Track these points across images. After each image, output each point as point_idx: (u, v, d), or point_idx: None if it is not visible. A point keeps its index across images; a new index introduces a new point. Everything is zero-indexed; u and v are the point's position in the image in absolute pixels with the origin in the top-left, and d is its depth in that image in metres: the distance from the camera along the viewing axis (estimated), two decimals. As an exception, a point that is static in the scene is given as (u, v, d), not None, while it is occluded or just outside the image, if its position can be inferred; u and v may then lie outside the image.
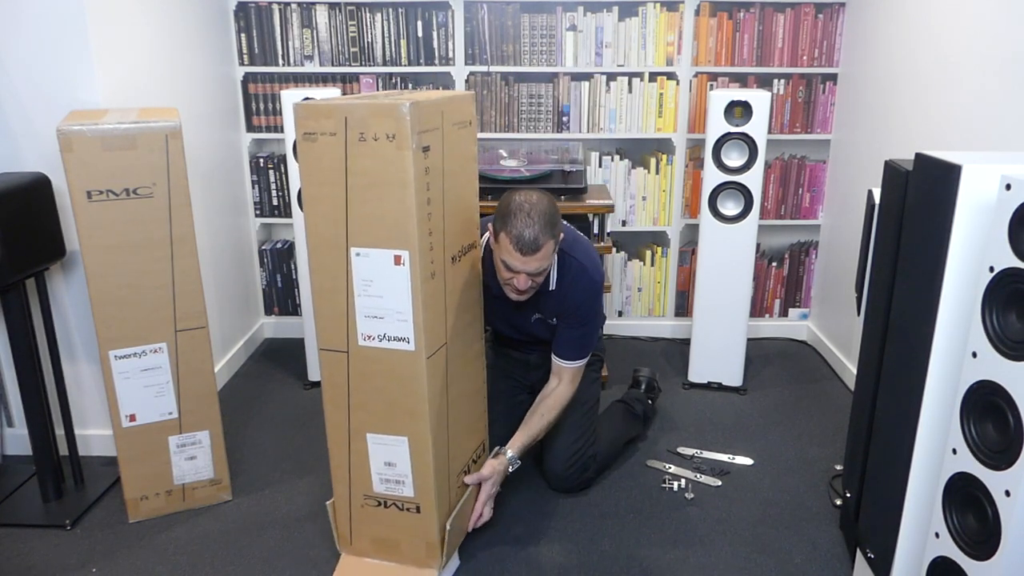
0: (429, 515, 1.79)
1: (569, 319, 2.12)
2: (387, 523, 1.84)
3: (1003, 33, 2.05)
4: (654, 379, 2.77)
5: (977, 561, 1.34)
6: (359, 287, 1.66)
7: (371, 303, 1.66)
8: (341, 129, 1.56)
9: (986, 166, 1.39)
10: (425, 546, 1.82)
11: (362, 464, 1.81)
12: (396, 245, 1.60)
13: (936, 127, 2.39)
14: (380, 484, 1.81)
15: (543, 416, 2.12)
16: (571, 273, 2.08)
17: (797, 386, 3.00)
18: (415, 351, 1.66)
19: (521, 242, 1.82)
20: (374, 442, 1.77)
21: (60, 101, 2.16)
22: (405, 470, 1.77)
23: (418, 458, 1.75)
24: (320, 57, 3.18)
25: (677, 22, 3.12)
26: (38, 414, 2.16)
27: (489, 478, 1.98)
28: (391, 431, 1.75)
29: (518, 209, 1.84)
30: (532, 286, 1.94)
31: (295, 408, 2.82)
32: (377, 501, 1.83)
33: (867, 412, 1.78)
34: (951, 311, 1.46)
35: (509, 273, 1.90)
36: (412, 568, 1.85)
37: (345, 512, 1.88)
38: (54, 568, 1.96)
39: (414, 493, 1.78)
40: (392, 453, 1.76)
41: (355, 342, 1.71)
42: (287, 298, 3.46)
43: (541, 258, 1.87)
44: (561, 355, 2.16)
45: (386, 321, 1.66)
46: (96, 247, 1.94)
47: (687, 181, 3.29)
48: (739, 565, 1.97)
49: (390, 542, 1.86)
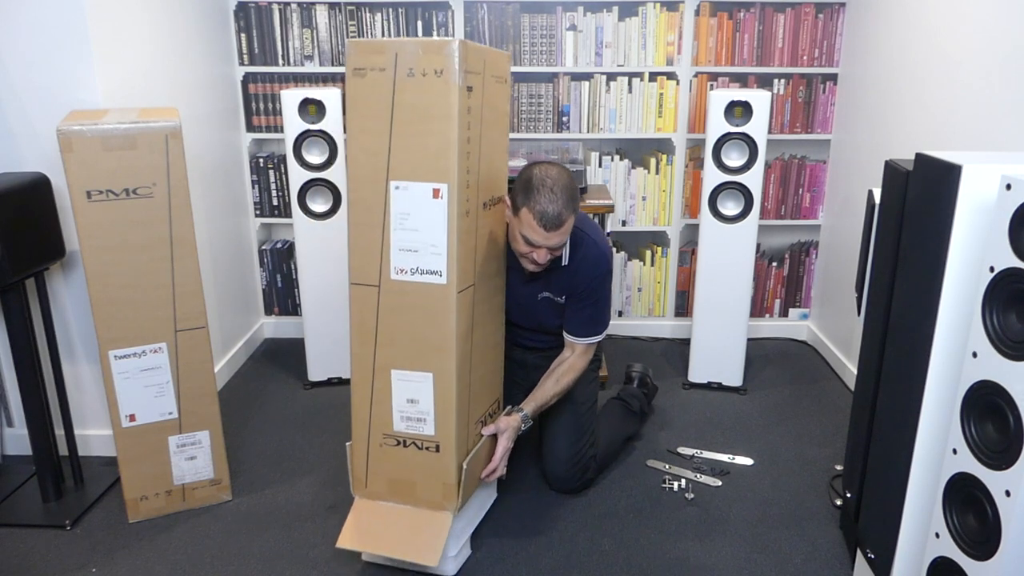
0: (448, 455, 1.80)
1: (581, 296, 2.12)
2: (405, 464, 1.84)
3: (1003, 33, 2.05)
4: (647, 375, 2.77)
5: (977, 561, 1.34)
6: (396, 220, 1.70)
7: (406, 236, 1.70)
8: (391, 64, 1.63)
9: (986, 166, 1.39)
10: (442, 487, 1.82)
11: (384, 402, 1.82)
12: (436, 178, 1.65)
13: (936, 127, 2.39)
14: (401, 422, 1.81)
15: (557, 382, 2.13)
16: (583, 249, 2.09)
17: (797, 386, 3.00)
18: (447, 284, 1.70)
19: (545, 218, 1.84)
20: (398, 378, 1.78)
21: (60, 101, 2.16)
22: (427, 407, 1.78)
23: (442, 395, 1.76)
24: (320, 57, 3.18)
25: (677, 22, 3.12)
26: (38, 414, 2.16)
27: (504, 431, 1.99)
28: (417, 367, 1.77)
29: (540, 184, 1.85)
30: (549, 259, 1.96)
31: (295, 408, 2.82)
32: (396, 440, 1.83)
33: (867, 412, 1.78)
34: (951, 311, 1.46)
35: (528, 247, 1.92)
36: (427, 511, 1.84)
37: (362, 453, 1.87)
38: (54, 568, 1.96)
39: (435, 431, 1.79)
40: (416, 390, 1.78)
41: (387, 276, 1.74)
42: (287, 298, 3.46)
43: (563, 233, 1.89)
44: (574, 332, 2.17)
45: (420, 254, 1.70)
46: (96, 247, 1.94)
47: (687, 181, 3.29)
48: (739, 565, 1.97)
49: (406, 484, 1.85)
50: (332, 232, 2.82)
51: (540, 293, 2.15)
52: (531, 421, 2.07)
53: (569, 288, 2.12)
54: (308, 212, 2.80)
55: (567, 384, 2.15)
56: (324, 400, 2.87)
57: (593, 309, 2.15)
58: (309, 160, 2.75)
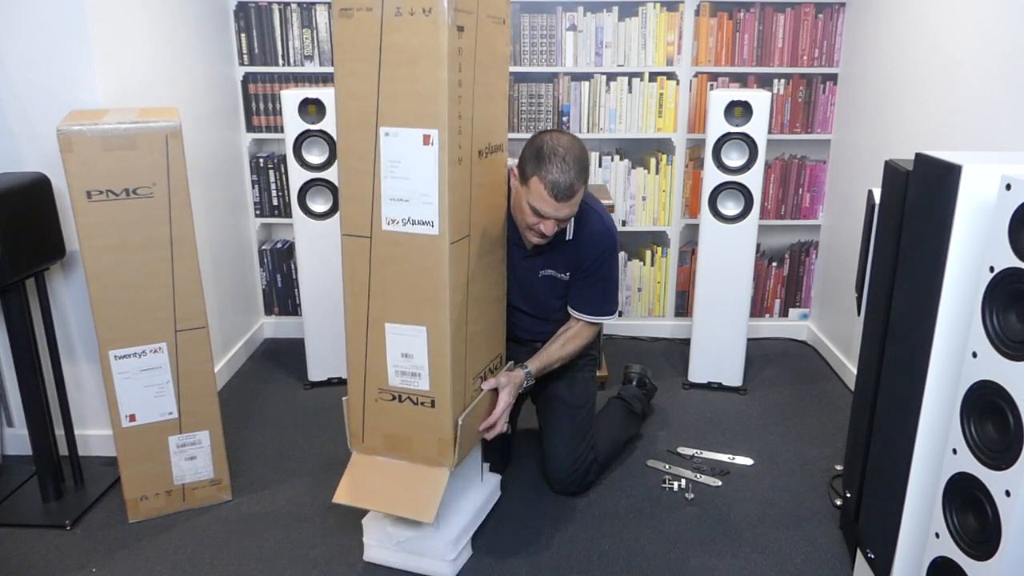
0: (443, 410, 1.77)
1: (587, 274, 2.09)
2: (400, 419, 1.81)
3: (1003, 33, 2.05)
4: (645, 375, 2.77)
5: (977, 561, 1.34)
6: (386, 168, 1.66)
7: (397, 185, 1.66)
8: (378, 4, 1.58)
9: (986, 166, 1.39)
10: (437, 442, 1.80)
11: (378, 356, 1.79)
12: (426, 124, 1.60)
13: (936, 127, 2.39)
14: (396, 377, 1.79)
15: (563, 346, 2.12)
16: (588, 224, 2.06)
17: (797, 386, 3.00)
18: (438, 235, 1.66)
19: (557, 188, 1.81)
20: (392, 332, 1.76)
21: (60, 101, 2.16)
22: (422, 362, 1.75)
23: (435, 349, 1.73)
24: (320, 57, 3.18)
25: (677, 22, 3.12)
26: (38, 414, 2.16)
27: (506, 386, 1.96)
28: (410, 320, 1.73)
29: (552, 153, 1.82)
30: (556, 231, 1.94)
31: (295, 408, 2.82)
32: (392, 395, 1.80)
33: (867, 412, 1.78)
34: (951, 311, 1.46)
35: (537, 219, 1.89)
36: (423, 467, 1.82)
37: (359, 408, 1.85)
38: (54, 568, 1.96)
39: (429, 386, 1.77)
40: (410, 344, 1.75)
41: (379, 227, 1.70)
42: (287, 298, 3.46)
43: (573, 204, 1.87)
44: (580, 309, 2.14)
45: (411, 204, 1.66)
46: (96, 247, 1.94)
47: (687, 181, 3.29)
48: (739, 565, 1.97)
49: (402, 439, 1.83)
50: (332, 232, 2.82)
51: (541, 270, 2.11)
52: (534, 379, 2.04)
53: (574, 264, 2.08)
54: (308, 212, 2.80)
55: (572, 350, 2.13)
56: (324, 400, 2.87)
57: (602, 287, 2.11)
58: (309, 160, 2.75)
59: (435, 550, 1.90)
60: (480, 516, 2.09)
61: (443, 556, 1.90)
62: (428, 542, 1.91)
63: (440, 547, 1.90)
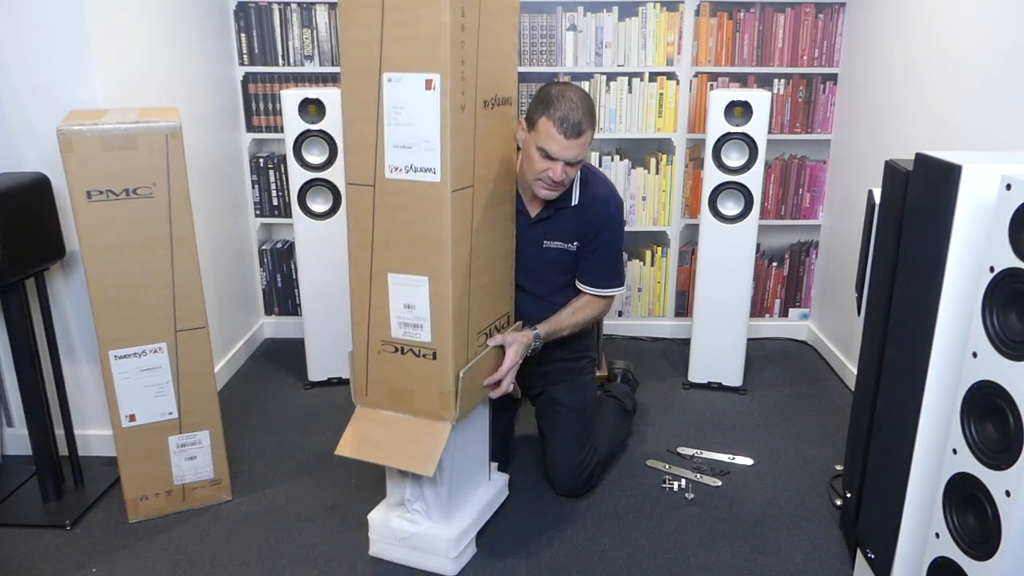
0: (444, 363, 1.76)
1: (595, 242, 2.09)
2: (403, 371, 1.81)
3: (1003, 33, 2.05)
4: (629, 371, 2.77)
5: (977, 561, 1.34)
6: (389, 115, 1.65)
7: (400, 132, 1.65)
8: None
9: (986, 166, 1.39)
10: (439, 396, 1.79)
11: (382, 307, 1.78)
12: (427, 68, 1.59)
13: (936, 127, 2.39)
14: (398, 328, 1.78)
15: (573, 313, 2.11)
16: (592, 188, 2.07)
17: (797, 386, 3.00)
18: (440, 182, 1.65)
19: (565, 124, 1.83)
20: (395, 282, 1.75)
21: (60, 101, 2.16)
22: (424, 313, 1.75)
23: (437, 300, 1.73)
24: (320, 57, 3.18)
25: (677, 22, 3.12)
26: (38, 414, 2.16)
27: (512, 344, 1.94)
28: (412, 270, 1.73)
29: (560, 95, 1.86)
30: (564, 182, 1.94)
31: (295, 408, 2.82)
32: (394, 347, 1.80)
33: (867, 412, 1.78)
34: (951, 311, 1.46)
35: (545, 163, 1.90)
36: (425, 420, 1.82)
37: (362, 361, 1.85)
38: (54, 568, 1.96)
39: (431, 338, 1.76)
40: (412, 294, 1.74)
41: (382, 175, 1.70)
42: (287, 298, 3.46)
43: (581, 145, 1.88)
44: (589, 282, 2.13)
45: (413, 151, 1.65)
46: (96, 247, 1.94)
47: (687, 181, 3.29)
48: (739, 565, 1.97)
49: (405, 392, 1.83)
50: (332, 232, 2.82)
51: (546, 240, 2.10)
52: (541, 342, 2.02)
53: (581, 231, 2.08)
54: (308, 212, 2.80)
55: (582, 319, 2.12)
56: (324, 400, 2.87)
57: (610, 257, 2.11)
58: (309, 160, 2.75)
59: (438, 547, 1.91)
60: (486, 515, 2.08)
61: (446, 554, 1.90)
62: (432, 539, 1.91)
63: (443, 545, 1.90)
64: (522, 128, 1.95)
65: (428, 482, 1.90)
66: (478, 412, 2.02)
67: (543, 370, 2.20)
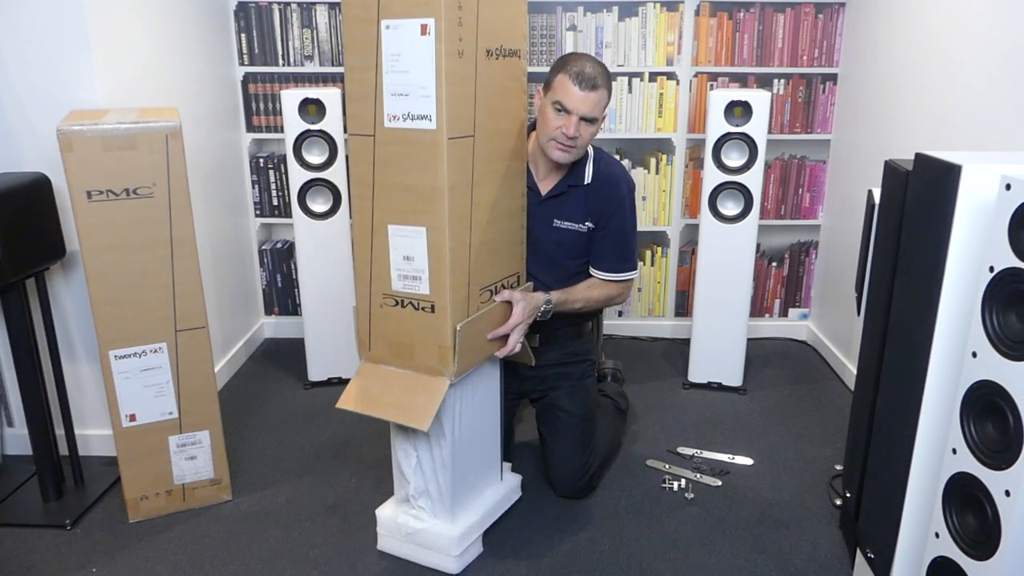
0: (443, 316, 1.76)
1: (608, 224, 2.07)
2: (403, 325, 1.81)
3: (1003, 33, 2.05)
4: (618, 369, 2.77)
5: (977, 561, 1.34)
6: (387, 63, 1.65)
7: (398, 79, 1.66)
8: None
9: (986, 166, 1.39)
10: (437, 350, 1.78)
11: (383, 260, 1.79)
12: (422, 12, 1.59)
13: (936, 127, 2.39)
14: (398, 281, 1.78)
15: (588, 288, 2.10)
16: (606, 169, 2.08)
17: (797, 386, 3.00)
18: (436, 130, 1.64)
19: (581, 77, 1.87)
20: (395, 234, 1.76)
21: (60, 101, 2.16)
22: (422, 264, 1.74)
23: (435, 251, 1.72)
24: (320, 57, 3.18)
25: (677, 22, 3.12)
26: (38, 414, 2.16)
27: (520, 301, 1.91)
28: (411, 221, 1.73)
29: (575, 55, 1.94)
30: (578, 143, 1.94)
31: (295, 408, 2.82)
32: (395, 300, 1.80)
33: (867, 412, 1.78)
34: (951, 311, 1.46)
35: (560, 119, 1.91)
36: (425, 376, 1.81)
37: (365, 315, 1.85)
38: (54, 568, 1.96)
39: (429, 290, 1.75)
40: (411, 246, 1.75)
41: (381, 124, 1.70)
42: (287, 298, 3.46)
43: (596, 102, 1.90)
44: (601, 267, 2.12)
45: (411, 99, 1.65)
46: (96, 247, 1.94)
47: (687, 181, 3.29)
48: (739, 565, 1.98)
49: (405, 347, 1.83)
50: (332, 232, 2.82)
51: (556, 219, 2.08)
52: (551, 307, 1.99)
53: (593, 211, 2.07)
54: (308, 212, 2.80)
55: (597, 296, 2.10)
56: (324, 400, 2.87)
57: (622, 238, 2.10)
58: (309, 160, 2.75)
59: (442, 545, 1.91)
60: (494, 514, 2.08)
61: (449, 551, 1.90)
62: (435, 537, 1.91)
63: (446, 542, 1.90)
64: (540, 96, 1.98)
65: (432, 477, 1.90)
66: (488, 411, 2.03)
67: (543, 374, 2.20)
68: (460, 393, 1.87)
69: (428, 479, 1.91)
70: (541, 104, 1.99)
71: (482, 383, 1.97)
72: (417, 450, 1.91)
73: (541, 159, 2.07)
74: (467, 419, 1.91)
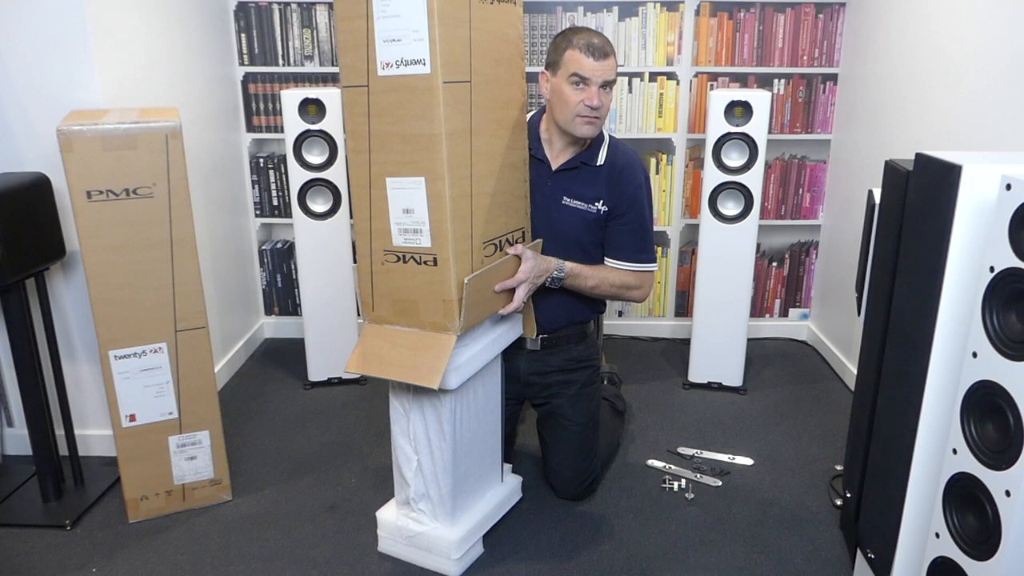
0: (445, 268, 1.72)
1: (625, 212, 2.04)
2: (406, 282, 1.78)
3: (1003, 33, 2.05)
4: (614, 371, 2.76)
5: (977, 561, 1.34)
6: (377, 8, 1.63)
7: (389, 24, 1.63)
8: None
9: (986, 166, 1.39)
10: (442, 304, 1.74)
11: (382, 215, 1.76)
12: None
13: (936, 127, 2.39)
14: (399, 236, 1.75)
15: (607, 270, 2.05)
16: (620, 155, 2.06)
17: (797, 386, 3.00)
18: (431, 73, 1.61)
19: (592, 47, 1.87)
20: (393, 187, 1.72)
21: (60, 101, 2.16)
22: (422, 216, 1.71)
23: (434, 200, 1.69)
24: (320, 57, 3.18)
25: (677, 22, 3.12)
26: (38, 414, 2.16)
27: (531, 258, 1.88)
28: (409, 172, 1.70)
29: (572, 30, 1.93)
30: (602, 111, 1.93)
31: (295, 408, 2.82)
32: (396, 256, 1.77)
33: (867, 412, 1.78)
34: (951, 311, 1.46)
35: (581, 92, 1.90)
36: (431, 333, 1.78)
37: (367, 274, 1.83)
38: (54, 568, 1.96)
39: (431, 243, 1.72)
40: (410, 198, 1.71)
41: (374, 73, 1.67)
42: (287, 298, 3.46)
43: (610, 68, 1.90)
44: (622, 257, 2.07)
45: (403, 44, 1.62)
46: (96, 247, 1.94)
47: (687, 181, 3.29)
48: (739, 565, 1.97)
49: (409, 304, 1.79)
50: (332, 232, 2.82)
51: (565, 197, 2.05)
52: (564, 275, 1.95)
53: (609, 196, 2.03)
54: (308, 212, 2.80)
55: (614, 280, 2.04)
56: (324, 400, 2.87)
57: (640, 226, 2.06)
58: (309, 160, 2.75)
59: (442, 548, 1.91)
60: (494, 517, 2.08)
61: (449, 555, 1.90)
62: (435, 540, 1.91)
63: (446, 546, 1.90)
64: (545, 79, 1.97)
65: (432, 481, 1.90)
66: (490, 414, 2.02)
67: (546, 380, 2.18)
68: (462, 396, 1.87)
69: (429, 482, 1.91)
70: (553, 85, 1.96)
71: (483, 387, 1.97)
72: (418, 453, 1.90)
73: (556, 137, 2.05)
74: (468, 422, 1.91)
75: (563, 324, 2.16)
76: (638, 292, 2.11)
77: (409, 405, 1.88)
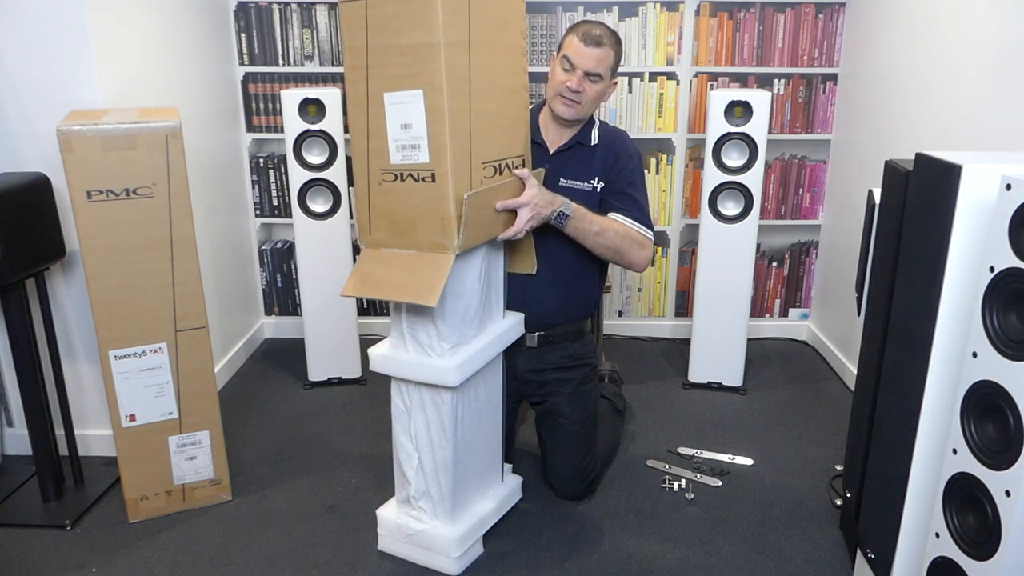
0: (443, 184, 1.68)
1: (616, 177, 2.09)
2: (404, 201, 1.75)
3: (1003, 33, 2.05)
4: (615, 371, 2.76)
5: (977, 561, 1.34)
6: None
7: None
8: None
9: (986, 166, 1.39)
10: (440, 222, 1.71)
11: (379, 134, 1.74)
12: None
13: (936, 127, 2.39)
14: (397, 153, 1.73)
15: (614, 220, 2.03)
16: (612, 134, 2.15)
17: (797, 386, 3.00)
18: None
19: (588, 35, 1.98)
20: (391, 102, 1.71)
21: (60, 101, 2.16)
22: (421, 131, 1.69)
23: (433, 113, 1.66)
24: (320, 57, 3.18)
25: (677, 22, 3.12)
26: (38, 414, 2.16)
27: (535, 186, 1.85)
28: (406, 85, 1.68)
29: (587, 20, 2.07)
30: (581, 98, 2.01)
31: (295, 408, 2.82)
32: (394, 175, 1.74)
33: (867, 412, 1.78)
34: (951, 311, 1.46)
35: (565, 75, 2.01)
36: (429, 254, 1.75)
37: (364, 196, 1.80)
38: (54, 568, 1.96)
39: (429, 158, 1.69)
40: (408, 112, 1.69)
41: None
42: (287, 298, 3.46)
43: (600, 58, 1.99)
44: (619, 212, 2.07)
45: None
46: (96, 247, 1.94)
47: (687, 181, 3.29)
48: (739, 565, 1.97)
49: (407, 224, 1.77)
50: (332, 232, 2.82)
51: (563, 178, 2.08)
52: (569, 213, 1.91)
53: (603, 170, 2.09)
54: (308, 212, 2.80)
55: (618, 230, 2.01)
56: (324, 400, 2.87)
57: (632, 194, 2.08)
58: (309, 160, 2.75)
59: (442, 547, 1.91)
60: (495, 516, 2.07)
61: (448, 553, 1.90)
62: (435, 538, 1.91)
63: (446, 544, 1.90)
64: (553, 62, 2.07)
65: (433, 479, 1.90)
66: (490, 412, 2.02)
67: (543, 378, 2.19)
68: (463, 394, 1.87)
69: (429, 480, 1.91)
70: (551, 65, 2.08)
71: (485, 385, 1.97)
72: (419, 451, 1.90)
73: (552, 123, 2.13)
74: (469, 421, 1.91)
75: (560, 321, 2.17)
76: (640, 253, 2.06)
77: (411, 402, 1.88)
